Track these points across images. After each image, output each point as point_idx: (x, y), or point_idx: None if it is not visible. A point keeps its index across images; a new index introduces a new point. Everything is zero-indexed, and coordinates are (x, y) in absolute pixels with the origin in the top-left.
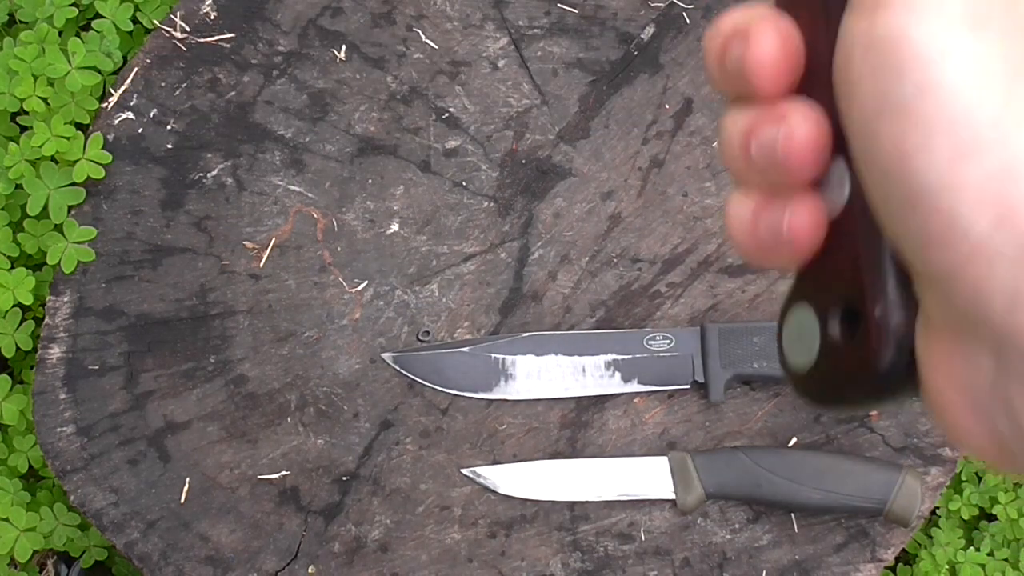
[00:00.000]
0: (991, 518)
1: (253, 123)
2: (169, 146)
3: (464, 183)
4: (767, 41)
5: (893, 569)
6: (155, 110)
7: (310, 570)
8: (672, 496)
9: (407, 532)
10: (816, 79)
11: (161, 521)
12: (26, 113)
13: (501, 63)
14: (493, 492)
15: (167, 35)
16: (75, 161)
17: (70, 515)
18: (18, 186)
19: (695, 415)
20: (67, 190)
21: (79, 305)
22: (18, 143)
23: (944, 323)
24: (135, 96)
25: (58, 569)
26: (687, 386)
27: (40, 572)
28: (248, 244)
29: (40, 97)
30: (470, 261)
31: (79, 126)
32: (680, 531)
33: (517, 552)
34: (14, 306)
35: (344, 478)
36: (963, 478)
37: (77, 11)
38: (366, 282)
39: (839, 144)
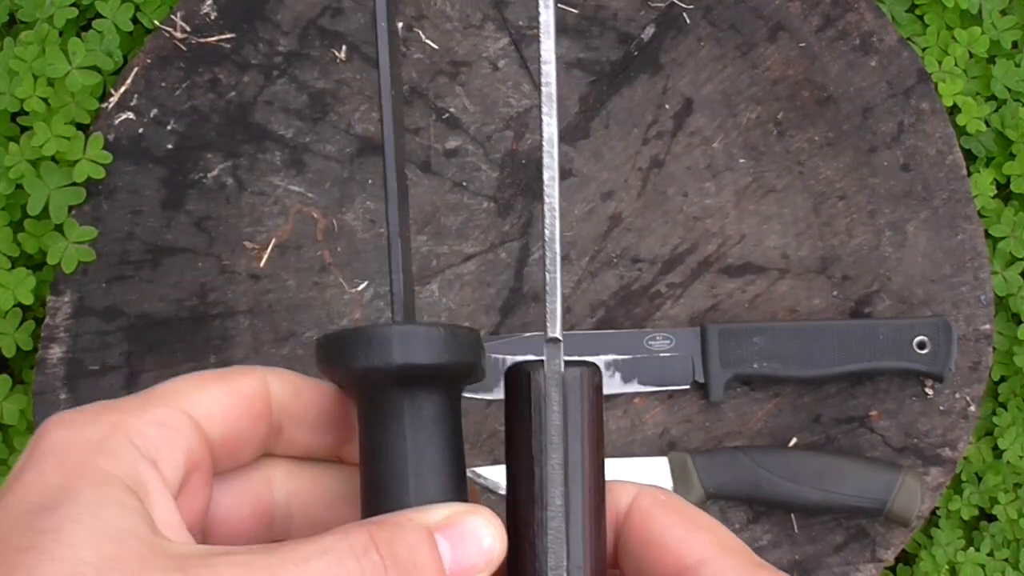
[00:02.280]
0: (991, 518)
1: (253, 123)
2: (169, 146)
3: (464, 183)
4: None
5: (893, 569)
6: (155, 110)
7: None
8: None
9: None
10: None
11: None
12: (26, 113)
13: (501, 63)
14: (493, 492)
15: (167, 35)
16: (75, 161)
17: None
18: (18, 186)
19: (695, 415)
20: (67, 190)
21: (79, 305)
22: (18, 143)
23: None
24: (135, 96)
25: None
26: (687, 386)
27: None
28: (248, 244)
29: (40, 97)
30: (470, 261)
31: (79, 126)
32: None
33: None
34: (14, 306)
35: None
36: (963, 478)
37: (77, 11)
38: (366, 282)
39: None
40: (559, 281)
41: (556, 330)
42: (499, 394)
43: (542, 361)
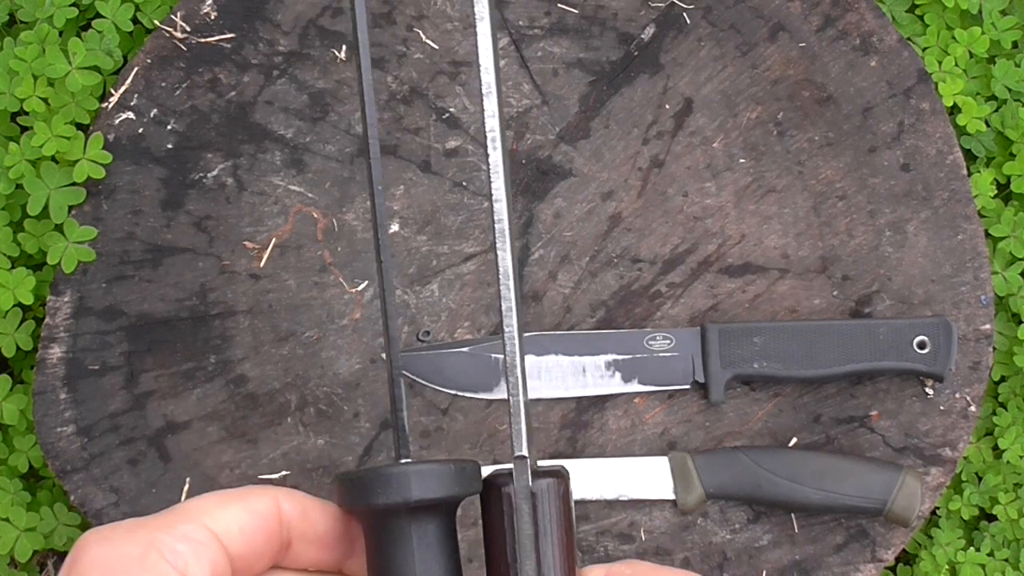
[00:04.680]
0: (991, 518)
1: (253, 123)
2: (169, 146)
3: (464, 183)
4: None
5: (893, 569)
6: (155, 110)
7: None
8: (672, 496)
9: None
10: None
11: None
12: (26, 113)
13: (501, 63)
14: None
15: (167, 35)
16: (75, 161)
17: (70, 515)
18: (18, 186)
19: (695, 415)
20: (67, 190)
21: (79, 305)
22: (18, 143)
23: None
24: (135, 96)
25: (58, 569)
26: (687, 386)
27: (40, 572)
28: (248, 244)
29: (40, 97)
30: (470, 261)
31: (79, 126)
32: (680, 531)
33: None
34: (14, 306)
35: None
36: (963, 478)
37: (77, 11)
38: (366, 282)
39: None
40: (523, 404)
41: (523, 448)
42: (499, 394)
43: (511, 472)
